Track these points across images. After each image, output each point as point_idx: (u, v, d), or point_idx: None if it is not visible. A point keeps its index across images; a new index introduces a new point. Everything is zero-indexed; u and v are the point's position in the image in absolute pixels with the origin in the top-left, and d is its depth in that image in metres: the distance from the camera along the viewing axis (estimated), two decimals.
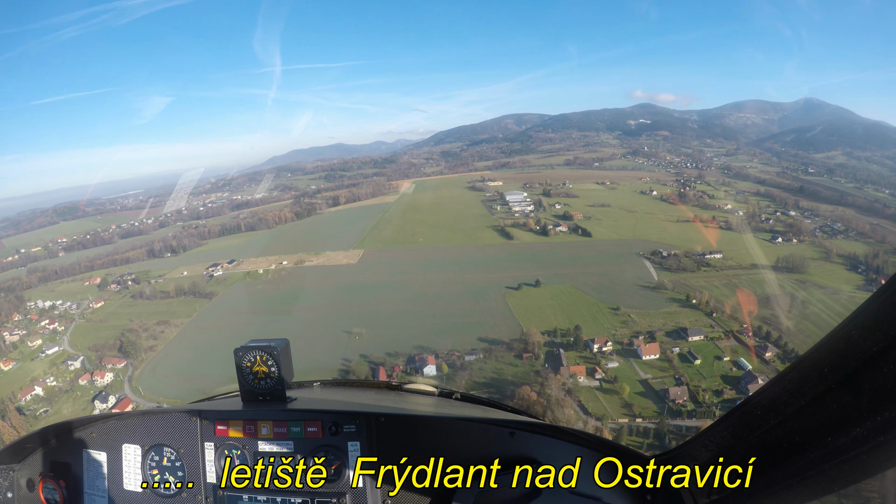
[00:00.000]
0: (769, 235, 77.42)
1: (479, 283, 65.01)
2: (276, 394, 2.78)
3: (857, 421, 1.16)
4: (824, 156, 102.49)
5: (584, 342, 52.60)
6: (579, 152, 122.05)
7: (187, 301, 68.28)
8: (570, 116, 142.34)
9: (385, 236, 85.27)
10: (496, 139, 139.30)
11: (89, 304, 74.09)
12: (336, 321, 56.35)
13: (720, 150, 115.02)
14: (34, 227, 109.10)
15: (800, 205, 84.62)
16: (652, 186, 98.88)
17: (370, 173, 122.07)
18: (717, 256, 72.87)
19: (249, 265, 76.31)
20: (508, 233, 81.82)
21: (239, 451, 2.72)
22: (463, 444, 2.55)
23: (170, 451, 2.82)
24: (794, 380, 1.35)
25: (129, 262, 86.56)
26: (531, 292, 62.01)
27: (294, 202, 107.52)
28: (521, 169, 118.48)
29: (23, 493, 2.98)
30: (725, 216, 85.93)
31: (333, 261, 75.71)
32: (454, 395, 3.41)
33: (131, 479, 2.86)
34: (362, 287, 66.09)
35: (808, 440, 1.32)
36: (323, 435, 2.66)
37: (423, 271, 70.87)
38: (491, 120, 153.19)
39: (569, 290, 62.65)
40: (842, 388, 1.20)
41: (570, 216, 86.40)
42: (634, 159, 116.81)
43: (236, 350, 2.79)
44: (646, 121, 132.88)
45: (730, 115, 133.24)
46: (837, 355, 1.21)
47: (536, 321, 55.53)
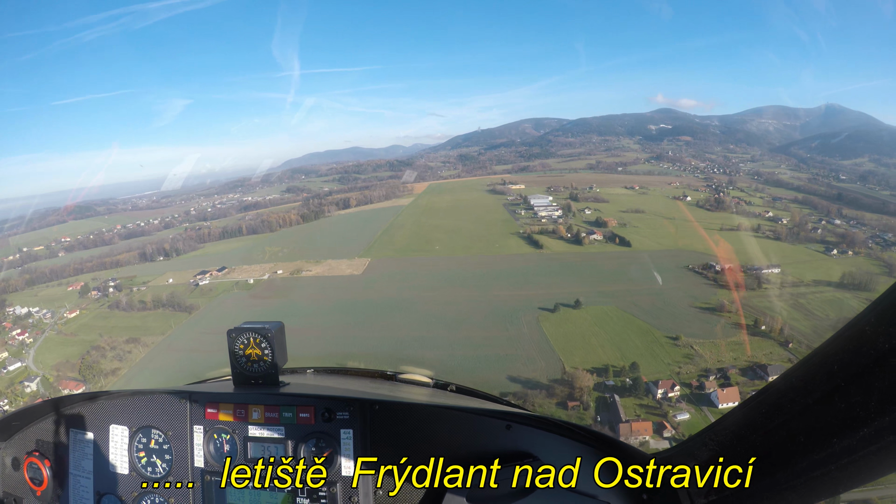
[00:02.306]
0: (821, 247, 66.81)
1: (506, 302, 50.70)
2: (268, 378, 2.50)
3: (866, 421, 1.06)
4: (851, 162, 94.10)
5: (645, 385, 38.55)
6: (601, 156, 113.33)
7: (164, 315, 55.39)
8: (590, 121, 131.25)
9: (396, 243, 71.15)
10: (514, 143, 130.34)
11: (64, 313, 61.97)
12: (327, 348, 42.25)
13: (744, 156, 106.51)
14: (45, 225, 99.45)
15: (843, 213, 75.60)
16: (685, 192, 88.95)
17: (385, 176, 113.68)
18: (776, 271, 60.70)
19: (241, 273, 63.25)
20: (536, 241, 68.22)
21: (228, 436, 2.50)
22: (458, 436, 2.33)
23: (158, 434, 2.59)
24: (802, 377, 1.26)
25: (120, 265, 74.51)
26: (570, 315, 47.68)
27: (302, 204, 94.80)
28: (541, 172, 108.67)
29: (7, 472, 2.80)
30: (771, 225, 74.69)
31: (335, 270, 61.87)
32: (449, 387, 3.12)
33: (118, 460, 2.64)
34: (365, 306, 51.77)
35: (814, 440, 1.21)
36: (315, 421, 2.43)
37: (439, 286, 56.58)
38: (509, 124, 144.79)
39: (615, 312, 48.34)
40: (851, 386, 1.09)
41: (603, 223, 73.93)
42: (658, 164, 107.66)
43: (229, 331, 2.51)
44: (667, 126, 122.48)
45: (751, 120, 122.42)
46: (848, 352, 1.11)
47: (580, 354, 41.39)
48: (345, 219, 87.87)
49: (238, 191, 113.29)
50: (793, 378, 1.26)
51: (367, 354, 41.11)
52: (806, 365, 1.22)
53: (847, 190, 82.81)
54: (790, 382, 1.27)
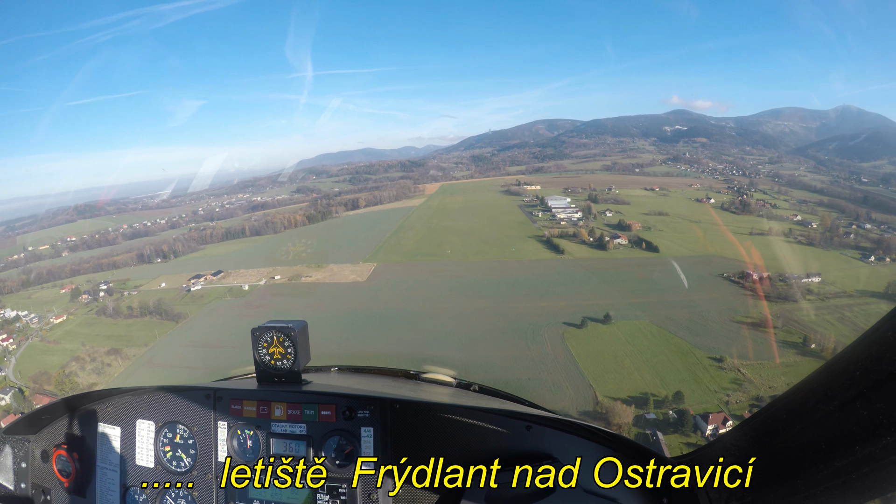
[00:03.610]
0: (857, 253, 61.33)
1: (526, 315, 43.41)
2: (291, 375, 2.48)
3: (889, 429, 0.99)
4: (871, 165, 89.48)
5: (692, 419, 31.45)
6: (617, 158, 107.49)
7: (150, 323, 49.16)
8: (604, 122, 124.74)
9: (404, 246, 64.20)
10: (527, 144, 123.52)
11: (50, 318, 56.31)
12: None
13: (762, 158, 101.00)
14: (54, 224, 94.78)
15: (871, 217, 69.82)
16: (708, 194, 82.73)
17: (396, 176, 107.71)
18: (816, 280, 53.84)
19: (236, 278, 56.81)
20: (557, 245, 60.95)
21: (252, 432, 2.46)
22: (477, 436, 2.27)
23: (183, 429, 2.56)
24: (824, 383, 1.19)
25: (116, 266, 68.71)
26: (599, 331, 40.52)
27: (309, 205, 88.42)
28: (557, 173, 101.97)
29: (37, 464, 2.80)
30: (801, 229, 68.48)
31: (337, 276, 55.10)
32: (472, 387, 3.03)
33: (143, 454, 2.62)
34: (367, 318, 44.55)
35: (835, 447, 1.14)
36: (336, 419, 2.40)
37: (450, 295, 49.52)
38: (522, 125, 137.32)
39: (649, 328, 41.20)
40: (874, 393, 1.03)
41: (626, 226, 66.71)
42: (676, 165, 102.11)
43: (253, 330, 2.48)
44: (682, 127, 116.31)
45: (767, 122, 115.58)
46: (871, 358, 1.05)
47: (614, 379, 34.36)
48: (352, 220, 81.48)
49: (248, 191, 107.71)
50: (814, 384, 1.20)
51: (390, 354, 34.77)
52: (828, 371, 1.16)
53: (871, 193, 76.93)
54: (812, 388, 1.21)
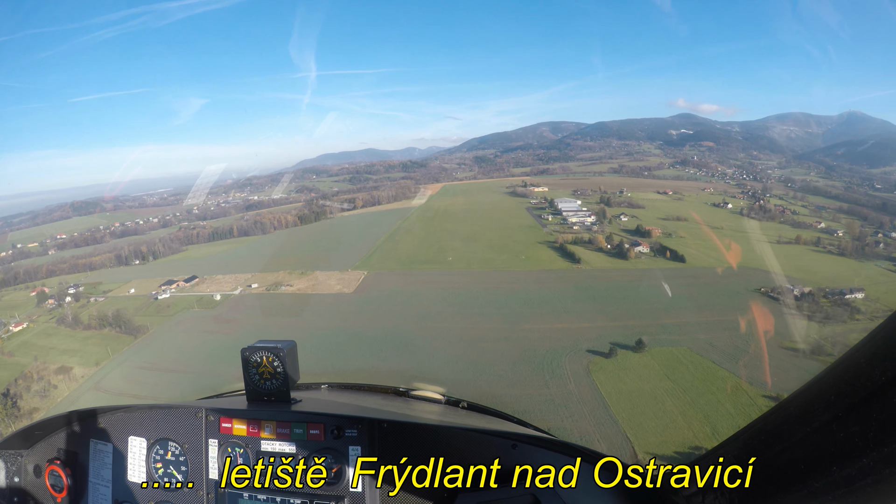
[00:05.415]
0: (891, 264, 55.21)
1: (543, 339, 34.67)
2: (280, 394, 2.49)
3: (864, 451, 0.98)
4: (880, 171, 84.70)
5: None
6: (623, 160, 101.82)
7: (108, 337, 41.34)
8: (609, 125, 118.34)
9: (400, 252, 55.75)
10: (532, 146, 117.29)
11: (10, 325, 48.47)
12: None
13: (770, 163, 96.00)
14: (49, 220, 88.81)
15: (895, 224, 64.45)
16: (725, 199, 76.79)
17: (398, 177, 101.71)
18: (860, 297, 46.57)
19: (210, 285, 48.87)
20: (572, 253, 52.58)
21: (242, 450, 2.43)
22: (463, 454, 2.26)
23: (174, 446, 2.54)
24: (801, 406, 1.18)
25: (93, 268, 60.94)
26: (631, 361, 32.00)
27: (304, 205, 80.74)
28: (563, 175, 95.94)
29: (29, 479, 2.75)
30: (829, 238, 61.89)
31: (322, 286, 46.76)
32: (461, 404, 3.01)
33: (135, 471, 2.59)
34: (348, 339, 35.72)
35: (813, 469, 1.13)
36: (325, 438, 2.37)
37: (452, 312, 40.45)
38: (526, 127, 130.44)
39: (689, 356, 32.84)
40: (849, 416, 1.02)
41: (645, 232, 58.72)
42: (685, 169, 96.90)
43: (243, 350, 2.48)
44: (687, 131, 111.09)
45: (773, 126, 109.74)
46: (845, 383, 1.04)
47: (655, 428, 26.22)
48: (347, 221, 73.82)
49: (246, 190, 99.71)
50: (792, 407, 1.18)
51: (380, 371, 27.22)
52: (804, 395, 1.14)
53: (890, 200, 70.69)
54: (790, 411, 1.19)
